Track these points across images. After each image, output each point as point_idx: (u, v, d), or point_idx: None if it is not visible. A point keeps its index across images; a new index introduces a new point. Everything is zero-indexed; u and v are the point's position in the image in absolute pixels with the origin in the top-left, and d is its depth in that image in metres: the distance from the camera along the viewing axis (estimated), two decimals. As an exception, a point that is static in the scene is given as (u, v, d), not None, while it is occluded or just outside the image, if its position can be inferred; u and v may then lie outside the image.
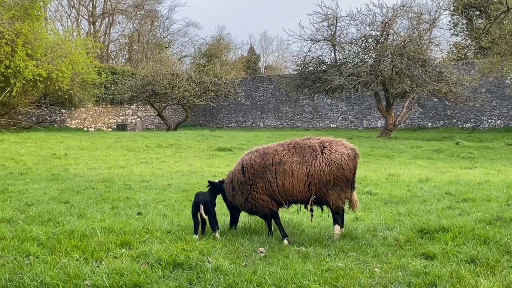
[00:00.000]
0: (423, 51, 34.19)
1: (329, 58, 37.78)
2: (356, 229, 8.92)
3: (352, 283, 6.23)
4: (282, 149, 8.46)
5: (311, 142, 8.53)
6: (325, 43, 37.13)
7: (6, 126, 33.77)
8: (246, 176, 8.43)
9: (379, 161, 22.48)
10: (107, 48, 65.19)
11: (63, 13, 63.68)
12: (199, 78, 44.38)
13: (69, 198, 12.21)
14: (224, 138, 32.55)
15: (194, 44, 73.59)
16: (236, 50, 79.79)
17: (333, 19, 36.22)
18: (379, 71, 32.77)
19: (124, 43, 69.02)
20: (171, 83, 42.73)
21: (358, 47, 36.52)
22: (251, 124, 53.16)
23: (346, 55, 37.14)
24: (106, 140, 30.27)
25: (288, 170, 8.24)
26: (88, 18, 63.80)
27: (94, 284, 6.11)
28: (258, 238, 8.41)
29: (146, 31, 67.39)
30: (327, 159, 8.25)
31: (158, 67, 48.50)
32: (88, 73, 39.95)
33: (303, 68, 38.37)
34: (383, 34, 35.04)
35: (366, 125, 47.21)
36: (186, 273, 6.60)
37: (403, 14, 35.41)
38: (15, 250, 7.52)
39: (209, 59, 65.11)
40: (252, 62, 70.13)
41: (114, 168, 18.93)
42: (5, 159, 20.14)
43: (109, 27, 65.76)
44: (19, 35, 32.39)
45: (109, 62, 63.42)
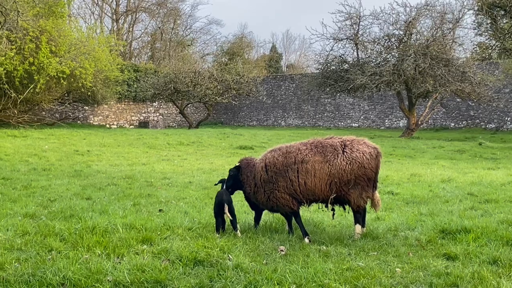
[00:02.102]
0: (446, 50, 33.92)
1: (352, 57, 37.65)
2: (377, 228, 8.89)
3: (372, 282, 6.21)
4: (304, 148, 8.45)
5: (333, 141, 8.51)
6: (348, 42, 37.01)
7: (30, 122, 34.05)
8: (269, 174, 8.43)
9: (401, 161, 22.37)
10: (130, 45, 65.48)
11: (86, 10, 64.09)
12: (221, 76, 44.39)
13: (91, 194, 12.30)
14: (246, 136, 32.58)
15: (217, 42, 73.70)
16: (258, 48, 79.89)
17: (356, 18, 36.08)
18: (401, 70, 32.57)
19: (147, 40, 69.27)
20: (193, 81, 42.82)
21: (381, 46, 36.33)
22: (273, 122, 53.11)
23: (368, 54, 36.96)
24: (128, 137, 30.43)
25: (310, 169, 8.23)
26: (111, 15, 64.12)
27: (115, 280, 6.15)
28: (279, 236, 8.41)
29: (169, 29, 67.55)
30: (348, 158, 8.24)
31: (180, 65, 48.66)
32: (111, 70, 40.18)
33: (325, 67, 38.25)
34: (406, 33, 34.81)
35: (388, 124, 46.98)
36: (206, 270, 6.62)
37: (427, 14, 35.15)
38: (38, 245, 7.59)
39: (231, 57, 65.14)
40: (274, 60, 70.09)
41: (136, 165, 19.03)
42: (28, 155, 20.33)
43: (132, 24, 66.02)
44: (43, 32, 32.61)
45: (132, 59, 63.69)
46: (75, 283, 6.06)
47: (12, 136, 27.24)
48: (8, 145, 23.14)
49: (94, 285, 5.99)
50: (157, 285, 6.12)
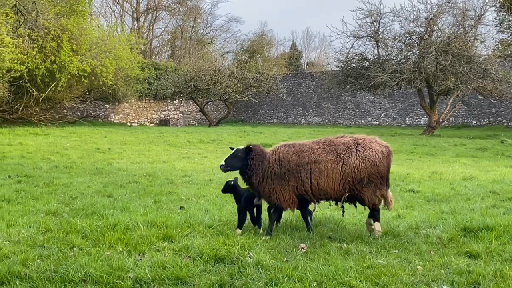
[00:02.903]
0: (468, 48, 33.63)
1: (372, 54, 37.44)
2: (398, 226, 8.86)
3: (394, 280, 6.19)
4: (317, 147, 8.41)
5: (345, 139, 8.51)
6: (368, 39, 36.82)
7: (51, 120, 34.30)
8: (282, 170, 8.34)
9: (422, 158, 22.27)
10: (150, 44, 65.69)
11: (107, 9, 64.41)
12: (241, 74, 44.41)
13: (113, 192, 12.37)
14: (266, 134, 32.57)
15: (237, 40, 73.71)
16: (278, 46, 79.79)
17: (376, 15, 35.88)
18: (422, 68, 32.33)
19: (167, 39, 69.44)
20: (213, 79, 42.88)
21: (401, 44, 36.12)
22: (293, 120, 53.03)
23: (389, 52, 36.74)
24: (149, 135, 30.56)
25: (324, 170, 8.20)
26: (132, 14, 64.39)
27: (137, 277, 6.18)
28: (299, 234, 8.41)
29: (189, 27, 67.68)
30: (361, 156, 8.24)
31: (200, 63, 48.72)
32: (132, 69, 40.36)
33: (346, 65, 38.09)
34: (427, 30, 34.57)
35: (409, 122, 46.72)
36: (227, 268, 6.64)
37: (448, 11, 34.86)
38: (60, 242, 7.66)
39: (251, 55, 65.12)
40: (294, 58, 69.98)
41: (156, 162, 19.11)
42: (50, 153, 20.49)
43: (153, 23, 66.22)
44: (65, 30, 32.82)
45: (152, 57, 63.90)
46: (97, 279, 6.10)
47: (34, 134, 27.48)
48: (30, 143, 23.35)
49: (115, 282, 6.03)
50: (178, 282, 6.14)
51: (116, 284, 5.99)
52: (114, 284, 6.01)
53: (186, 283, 6.12)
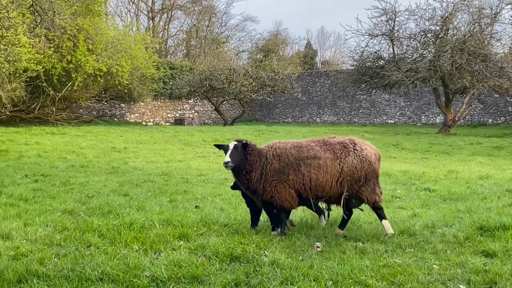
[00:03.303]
0: (484, 46, 33.41)
1: (387, 53, 37.32)
2: (414, 225, 8.84)
3: (410, 279, 6.18)
4: (314, 145, 8.42)
5: (340, 139, 8.54)
6: (383, 38, 36.69)
7: (67, 119, 34.47)
8: (281, 164, 8.26)
9: (438, 157, 22.18)
10: (165, 43, 65.88)
11: (123, 8, 64.75)
12: (256, 73, 44.45)
13: (129, 191, 12.44)
14: (281, 133, 32.57)
15: (251, 39, 73.72)
16: (293, 45, 79.77)
17: (391, 13, 35.75)
18: (438, 66, 32.19)
19: (182, 38, 69.62)
20: (228, 78, 42.93)
21: (417, 42, 35.94)
22: (308, 119, 52.95)
23: (404, 50, 36.59)
24: (164, 134, 30.65)
25: (323, 165, 8.18)
26: (147, 13, 64.59)
27: (153, 275, 6.22)
28: (315, 232, 8.42)
29: (204, 26, 67.79)
30: (359, 156, 8.28)
31: (215, 62, 48.82)
32: (147, 68, 40.50)
33: (361, 63, 37.98)
34: (443, 28, 34.39)
35: (424, 121, 46.51)
36: (243, 266, 6.65)
37: (464, 9, 34.62)
38: (77, 240, 7.72)
39: (266, 54, 65.14)
40: (309, 57, 69.86)
41: (172, 162, 19.16)
42: (67, 152, 20.61)
43: (168, 22, 66.42)
44: (81, 30, 33.01)
45: (168, 57, 64.08)
46: (113, 278, 6.15)
47: (51, 134, 27.64)
48: (47, 142, 23.50)
49: (132, 280, 6.07)
50: (194, 280, 6.17)
51: (133, 283, 6.03)
52: (130, 282, 6.04)
53: (202, 282, 6.14)
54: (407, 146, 26.29)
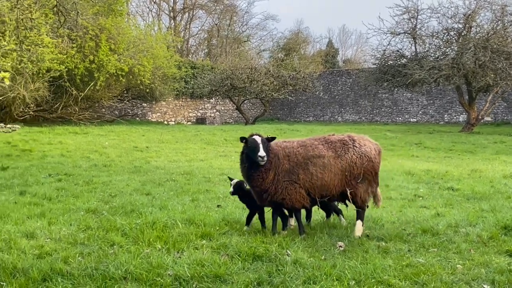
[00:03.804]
0: (507, 43, 33.07)
1: (409, 51, 37.14)
2: (437, 225, 8.79)
3: (433, 279, 6.15)
4: (317, 143, 8.38)
5: (339, 137, 8.55)
6: (405, 36, 36.50)
7: (90, 119, 34.66)
8: (291, 164, 8.18)
9: (461, 156, 22.03)
10: (187, 42, 66.07)
11: (144, 8, 64.99)
12: (277, 72, 44.43)
13: (151, 190, 12.49)
14: (302, 132, 32.51)
15: (273, 38, 73.82)
16: (314, 43, 79.52)
17: (413, 11, 35.55)
18: (461, 64, 31.96)
19: (204, 37, 69.76)
20: (249, 77, 42.94)
21: (439, 40, 35.71)
22: (329, 118, 52.81)
23: (427, 48, 36.37)
24: (186, 133, 30.75)
25: (327, 164, 8.16)
26: (168, 13, 64.84)
27: (176, 274, 6.24)
28: (337, 232, 8.40)
29: (225, 25, 67.86)
30: (358, 152, 8.28)
31: (237, 61, 48.86)
32: (169, 67, 40.62)
33: (383, 62, 37.83)
34: (466, 26, 34.12)
35: (447, 119, 46.20)
36: (265, 266, 6.66)
37: (487, 6, 34.32)
38: (100, 239, 7.77)
39: (288, 53, 65.05)
40: (330, 55, 69.62)
41: (193, 161, 19.22)
42: (89, 152, 20.75)
43: (189, 22, 66.59)
44: (103, 30, 33.17)
45: (189, 56, 64.24)
46: (136, 277, 6.18)
47: (74, 133, 27.84)
48: (70, 142, 23.68)
49: (155, 279, 6.10)
50: (217, 279, 6.19)
51: (156, 282, 6.06)
52: (153, 281, 6.07)
53: (224, 281, 6.16)
54: (429, 145, 26.12)
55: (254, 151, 7.95)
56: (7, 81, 6.00)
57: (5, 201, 10.70)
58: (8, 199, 10.96)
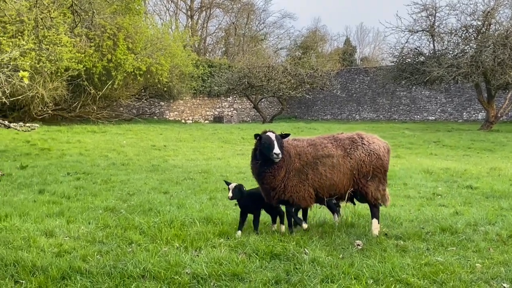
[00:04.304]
0: (527, 41, 32.83)
1: (428, 49, 36.89)
2: (456, 223, 8.73)
3: (452, 278, 6.12)
4: (326, 142, 8.29)
5: (348, 135, 8.47)
6: (424, 34, 36.29)
7: (108, 118, 34.83)
8: (301, 163, 8.06)
9: (480, 154, 21.88)
10: (204, 41, 66.21)
11: (162, 7, 65.19)
12: (294, 70, 44.35)
13: (169, 189, 12.53)
14: (320, 130, 32.43)
15: (290, 36, 73.55)
16: (331, 42, 79.26)
17: (432, 9, 35.33)
18: (480, 62, 31.70)
19: (221, 36, 69.84)
20: (267, 75, 42.93)
21: (458, 38, 35.45)
22: (347, 116, 52.66)
23: (445, 46, 36.12)
24: (203, 132, 30.81)
25: (336, 164, 8.08)
26: (186, 12, 64.99)
27: (194, 272, 6.25)
28: (355, 230, 8.38)
29: (243, 24, 67.88)
30: (367, 150, 8.21)
31: (254, 60, 48.82)
32: (186, 66, 40.71)
33: (401, 60, 37.64)
34: (485, 24, 33.83)
35: (466, 117, 45.87)
36: (283, 264, 6.66)
37: (506, 3, 34.04)
38: (119, 238, 7.81)
39: (305, 51, 64.92)
40: (348, 54, 69.40)
41: (211, 159, 19.24)
42: (108, 150, 20.85)
43: (206, 20, 66.74)
44: (121, 29, 33.31)
45: (206, 55, 64.34)
46: (155, 275, 6.20)
47: (92, 132, 27.98)
48: (88, 141, 23.81)
49: (173, 278, 6.11)
50: (234, 278, 6.19)
51: (174, 280, 6.07)
52: (171, 279, 6.09)
53: (242, 279, 6.16)
54: (448, 143, 25.96)
55: (269, 148, 7.77)
56: (26, 80, 6.04)
57: (25, 200, 10.78)
58: (27, 198, 11.04)
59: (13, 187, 12.54)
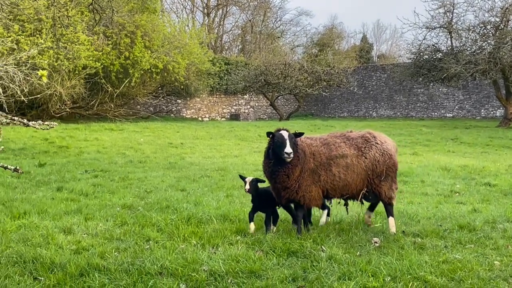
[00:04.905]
0: (546, 37, 32.57)
1: (445, 45, 36.72)
2: (474, 221, 8.69)
3: (470, 275, 6.09)
4: (339, 141, 8.12)
5: (360, 134, 8.35)
6: (441, 30, 36.13)
7: (125, 116, 34.97)
8: (315, 164, 7.86)
9: (498, 151, 21.72)
10: (220, 39, 66.29)
11: (178, 5, 65.36)
12: (311, 68, 44.29)
13: (186, 186, 12.55)
14: (337, 128, 32.34)
15: (306, 34, 73.55)
16: (348, 39, 79.08)
17: (449, 5, 35.16)
18: (498, 58, 31.50)
19: (237, 33, 69.89)
20: (283, 73, 42.91)
21: (476, 34, 35.22)
22: (364, 113, 52.50)
23: (463, 43, 35.91)
24: (220, 129, 30.85)
25: (350, 164, 7.94)
26: (202, 9, 65.08)
27: (211, 270, 6.27)
28: (372, 228, 8.36)
29: (259, 21, 67.85)
30: (380, 149, 8.11)
31: (270, 57, 48.80)
32: (203, 63, 40.77)
33: (418, 57, 37.49)
34: (503, 20, 33.60)
35: (484, 114, 45.56)
36: (300, 261, 6.66)
37: (525, -1, 33.84)
38: (136, 235, 7.84)
39: (321, 48, 64.78)
40: (364, 51, 69.13)
41: (228, 157, 19.26)
42: (125, 148, 20.93)
43: (223, 18, 66.79)
44: (138, 27, 33.44)
45: (223, 52, 64.41)
46: (172, 272, 6.22)
47: (109, 130, 28.10)
48: (105, 138, 23.91)
49: (190, 275, 6.13)
50: (252, 275, 6.19)
51: (191, 277, 6.08)
52: (189, 276, 6.10)
53: (259, 276, 6.17)
54: (466, 140, 25.80)
55: (281, 147, 7.56)
56: (45, 79, 6.07)
57: (43, 197, 10.84)
58: (46, 195, 11.11)
59: (31, 184, 12.61)
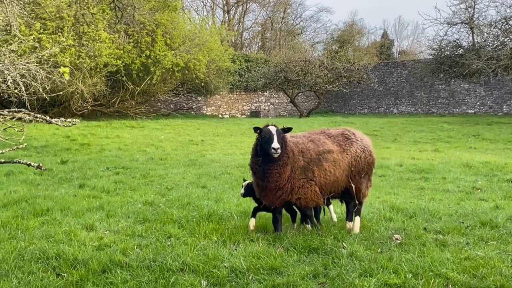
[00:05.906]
0: None
1: (467, 41, 36.54)
2: (496, 217, 8.63)
3: (492, 272, 6.06)
4: (323, 138, 8.01)
5: (339, 131, 8.26)
6: (463, 26, 35.92)
7: (146, 113, 35.10)
8: (305, 161, 7.67)
9: (521, 148, 21.57)
10: (241, 36, 66.31)
11: (198, 3, 65.60)
12: (331, 64, 44.18)
13: (206, 183, 12.60)
14: (357, 124, 32.24)
15: (327, 30, 73.67)
16: (369, 35, 78.78)
17: (471, 1, 34.97)
18: (520, 54, 31.28)
19: (257, 31, 69.90)
20: (303, 69, 42.84)
21: (497, 30, 34.96)
22: (384, 110, 52.24)
23: (484, 38, 35.68)
24: (240, 126, 30.88)
25: (337, 159, 7.84)
26: (222, 7, 65.22)
27: (232, 266, 6.30)
28: (393, 225, 8.33)
29: (279, 18, 67.83)
30: (361, 146, 8.05)
31: (290, 54, 48.78)
32: (223, 61, 40.81)
33: (439, 53, 37.30)
34: (526, 15, 33.37)
35: (506, 110, 45.15)
36: (321, 258, 6.67)
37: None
38: (158, 231, 7.89)
39: (342, 45, 64.52)
40: (385, 47, 68.79)
41: (248, 154, 19.20)
42: (146, 145, 21.02)
43: (243, 15, 66.83)
44: (159, 25, 33.52)
45: (243, 50, 64.46)
46: (193, 268, 6.26)
47: (130, 127, 28.23)
48: (126, 136, 24.03)
49: (211, 271, 6.16)
50: (272, 271, 6.21)
51: (212, 273, 6.12)
52: (210, 273, 6.14)
53: (280, 273, 6.18)
54: (488, 136, 25.61)
55: (268, 142, 7.35)
56: (67, 76, 6.13)
57: (65, 194, 10.94)
58: (68, 192, 11.21)
59: (54, 181, 12.73)
